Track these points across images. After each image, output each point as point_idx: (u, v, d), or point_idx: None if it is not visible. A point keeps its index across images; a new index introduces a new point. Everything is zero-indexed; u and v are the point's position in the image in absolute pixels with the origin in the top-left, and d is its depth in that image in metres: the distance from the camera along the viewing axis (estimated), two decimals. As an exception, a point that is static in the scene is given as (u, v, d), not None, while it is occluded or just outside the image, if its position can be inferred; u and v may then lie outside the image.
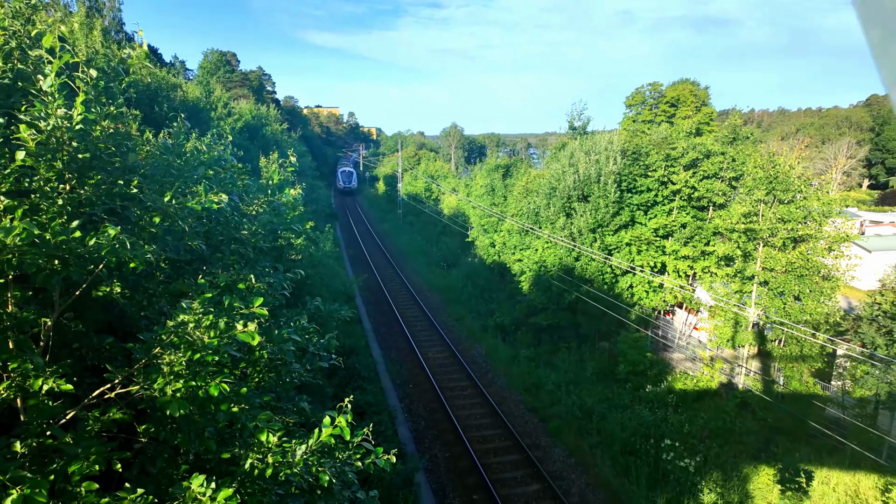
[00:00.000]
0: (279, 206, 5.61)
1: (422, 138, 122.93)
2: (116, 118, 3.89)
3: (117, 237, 3.17)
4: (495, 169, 39.72)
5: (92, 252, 3.19)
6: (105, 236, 3.15)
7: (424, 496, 13.22)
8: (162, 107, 17.84)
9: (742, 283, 20.45)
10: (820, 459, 14.92)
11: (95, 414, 3.86)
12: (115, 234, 3.15)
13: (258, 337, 3.34)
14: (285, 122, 50.69)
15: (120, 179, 3.96)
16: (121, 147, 4.02)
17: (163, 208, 3.85)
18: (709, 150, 23.59)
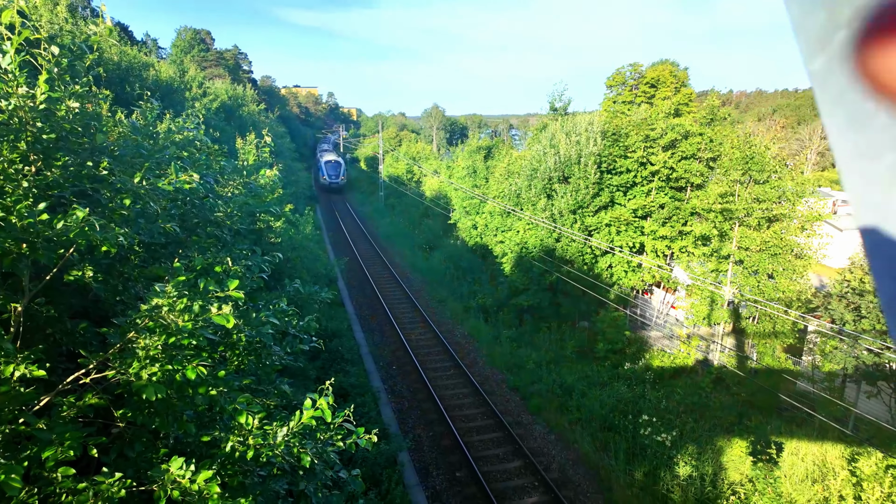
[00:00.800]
0: (255, 187, 5.53)
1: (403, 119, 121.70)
2: (82, 97, 3.77)
3: (86, 219, 3.10)
4: (477, 151, 39.56)
5: (60, 235, 3.12)
6: (73, 219, 3.07)
7: (408, 474, 13.40)
8: (133, 86, 17.33)
9: (718, 262, 20.88)
10: (790, 431, 15.48)
11: (71, 399, 3.81)
12: (83, 216, 3.07)
13: (233, 319, 3.31)
14: (262, 102, 49.62)
15: (89, 161, 3.86)
16: (88, 127, 3.90)
17: (133, 189, 3.76)
18: (687, 131, 23.81)
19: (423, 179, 51.98)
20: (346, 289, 28.29)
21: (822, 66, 0.51)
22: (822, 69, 0.50)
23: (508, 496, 12.79)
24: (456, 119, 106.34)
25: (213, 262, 4.13)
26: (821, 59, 0.51)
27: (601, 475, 13.63)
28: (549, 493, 12.79)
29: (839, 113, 0.51)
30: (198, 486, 3.31)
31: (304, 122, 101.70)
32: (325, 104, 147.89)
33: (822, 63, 0.51)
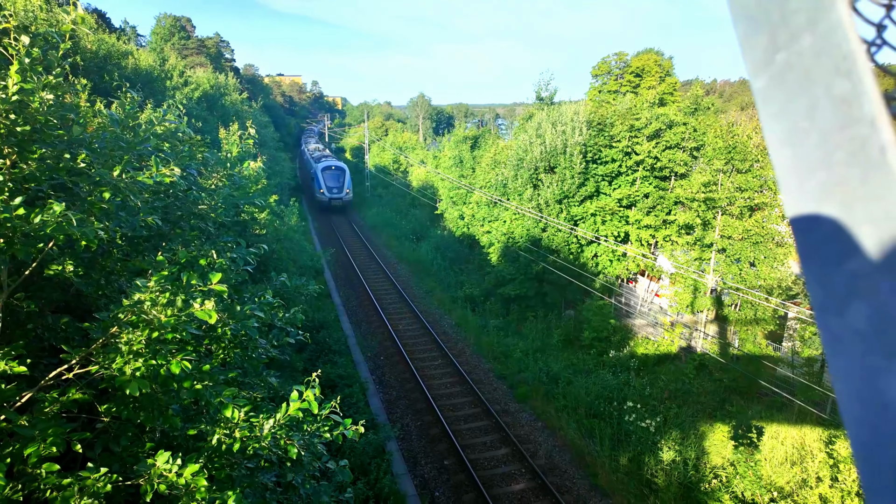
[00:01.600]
0: (239, 179, 5.47)
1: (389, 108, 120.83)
2: (56, 88, 3.69)
3: (63, 214, 3.05)
4: (463, 140, 39.47)
5: (38, 230, 3.06)
6: (51, 213, 3.02)
7: (397, 463, 13.49)
8: (112, 76, 16.96)
9: (701, 251, 21.15)
10: (770, 416, 15.84)
11: (54, 395, 3.77)
12: (60, 210, 3.02)
13: (216, 315, 3.29)
14: (246, 91, 48.83)
15: (66, 153, 3.78)
16: (65, 119, 3.82)
17: (112, 182, 3.70)
18: (671, 120, 23.97)
19: (410, 169, 51.77)
20: (333, 280, 28.19)
21: (765, 85, 0.53)
22: (765, 87, 0.53)
23: (496, 483, 12.94)
24: (442, 108, 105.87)
25: (197, 255, 4.10)
26: (763, 78, 0.54)
27: (587, 461, 13.84)
28: (536, 480, 12.97)
29: (778, 129, 0.53)
30: (185, 480, 3.31)
31: (288, 112, 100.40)
32: (310, 93, 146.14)
33: (764, 82, 0.53)
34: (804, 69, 0.50)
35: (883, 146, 0.46)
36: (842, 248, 0.49)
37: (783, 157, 0.53)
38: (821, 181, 0.50)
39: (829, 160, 0.49)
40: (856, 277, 0.48)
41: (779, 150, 0.53)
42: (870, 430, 0.47)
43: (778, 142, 0.53)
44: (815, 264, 0.52)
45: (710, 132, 22.22)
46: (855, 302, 0.48)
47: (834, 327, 0.50)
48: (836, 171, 0.49)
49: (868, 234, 0.47)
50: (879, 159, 0.46)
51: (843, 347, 0.49)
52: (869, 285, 0.47)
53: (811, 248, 0.52)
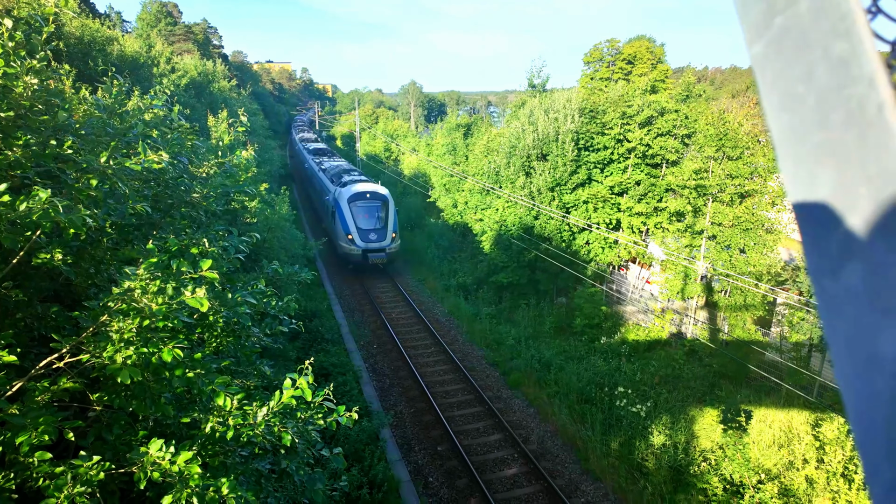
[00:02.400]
0: (231, 167, 5.41)
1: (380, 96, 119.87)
2: (40, 73, 3.61)
3: (49, 201, 3.00)
4: (456, 128, 39.27)
5: (23, 217, 3.02)
6: (36, 200, 2.97)
7: (391, 450, 13.58)
8: (97, 62, 16.66)
9: (692, 238, 21.29)
10: (759, 400, 16.09)
11: (45, 384, 3.75)
12: (46, 197, 2.98)
13: (207, 303, 3.27)
14: (234, 78, 48.16)
15: (52, 139, 3.72)
16: (50, 105, 3.75)
17: (100, 169, 3.64)
18: (663, 107, 23.98)
19: (402, 157, 51.51)
20: (325, 268, 28.11)
21: (762, 51, 0.54)
22: (762, 53, 0.54)
23: (489, 468, 13.08)
24: (434, 96, 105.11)
25: (188, 244, 4.06)
26: (760, 43, 0.54)
27: (578, 446, 14.01)
28: (529, 465, 13.12)
29: (774, 95, 0.54)
30: (178, 468, 3.31)
31: (277, 99, 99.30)
32: (300, 80, 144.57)
33: (762, 47, 0.54)
34: (802, 32, 0.50)
35: (881, 104, 0.46)
36: (838, 210, 0.50)
37: (780, 122, 0.53)
38: (817, 144, 0.50)
39: (825, 122, 0.49)
40: (851, 238, 0.48)
41: (776, 115, 0.54)
42: (864, 388, 0.48)
43: (775, 107, 0.53)
44: (811, 228, 0.52)
45: (701, 119, 22.27)
46: (850, 263, 0.48)
47: (829, 289, 0.51)
48: (833, 133, 0.49)
49: (864, 194, 0.47)
50: (877, 118, 0.46)
51: (838, 309, 0.50)
52: (864, 245, 0.47)
53: (807, 211, 0.52)
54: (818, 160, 0.50)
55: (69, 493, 3.01)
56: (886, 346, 0.45)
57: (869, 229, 0.47)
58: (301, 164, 48.84)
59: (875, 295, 0.46)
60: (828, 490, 11.52)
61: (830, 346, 0.51)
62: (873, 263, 0.47)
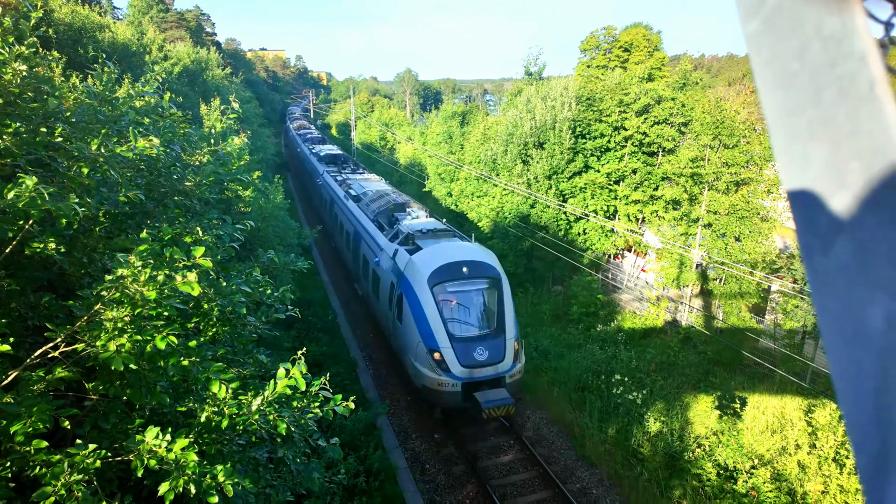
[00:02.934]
0: (224, 155, 5.37)
1: (375, 84, 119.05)
2: (29, 59, 3.56)
3: (36, 188, 2.97)
4: (452, 116, 39.08)
5: (11, 205, 2.98)
6: (24, 188, 2.94)
7: (388, 438, 13.67)
8: (87, 49, 16.44)
9: (688, 226, 21.34)
10: (753, 386, 16.23)
11: (40, 374, 3.74)
12: (32, 185, 2.94)
13: (198, 287, 3.26)
14: (227, 66, 47.68)
15: (42, 127, 3.67)
16: (39, 92, 3.70)
17: (91, 157, 3.61)
18: (660, 95, 23.92)
19: (397, 146, 51.32)
20: (321, 258, 28.08)
21: (756, 29, 0.54)
22: (756, 31, 0.54)
23: (485, 455, 13.18)
24: (429, 84, 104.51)
25: (182, 232, 4.04)
26: (755, 21, 0.54)
27: (574, 433, 14.13)
28: (525, 451, 13.23)
29: (768, 72, 0.54)
30: (174, 455, 3.32)
31: (271, 87, 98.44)
32: (294, 68, 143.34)
33: (756, 25, 0.54)
34: (795, 9, 0.51)
35: (872, 80, 0.47)
36: (829, 187, 0.50)
37: (773, 101, 0.54)
38: (810, 121, 0.51)
39: (818, 99, 0.50)
40: (842, 214, 0.49)
41: (769, 93, 0.54)
42: (851, 361, 0.49)
43: (769, 85, 0.54)
44: (802, 205, 0.53)
45: (697, 107, 22.23)
46: (840, 239, 0.49)
47: (820, 266, 0.51)
48: (826, 110, 0.50)
49: (855, 170, 0.48)
50: (868, 94, 0.47)
51: (828, 284, 0.51)
52: (854, 221, 0.48)
53: (799, 189, 0.53)
54: (811, 137, 0.51)
55: (66, 481, 3.02)
56: (874, 320, 0.46)
57: (859, 205, 0.48)
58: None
59: (864, 269, 0.47)
60: (819, 475, 11.68)
61: (820, 322, 0.52)
62: (862, 238, 0.48)
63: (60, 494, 3.01)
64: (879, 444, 0.47)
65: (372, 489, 11.40)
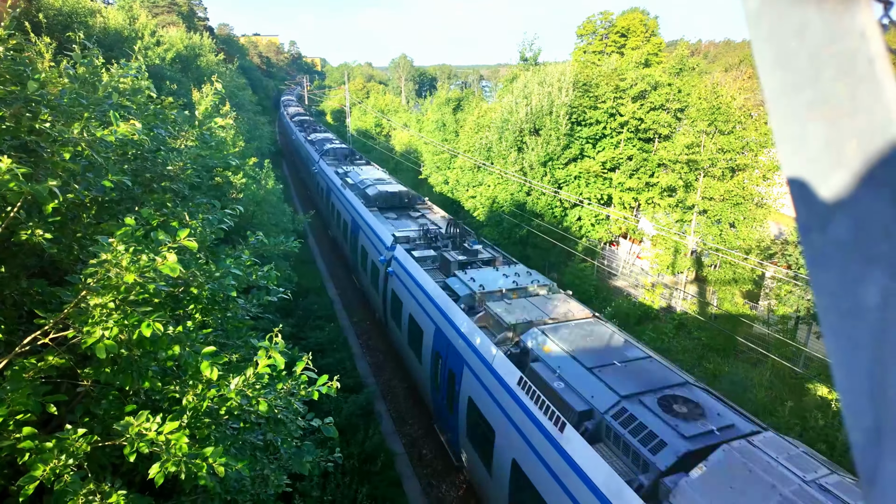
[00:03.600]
0: (210, 138, 5.32)
1: (370, 70, 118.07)
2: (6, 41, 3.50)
3: (10, 170, 2.93)
4: (446, 103, 38.81)
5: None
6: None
7: (385, 423, 13.78)
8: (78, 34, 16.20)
9: (683, 213, 21.37)
10: (746, 371, 16.39)
11: (31, 360, 3.74)
12: (7, 166, 2.91)
13: (178, 267, 3.24)
14: (221, 52, 47.12)
15: (25, 111, 3.63)
16: (18, 75, 3.64)
17: (73, 141, 3.57)
18: (656, 81, 23.79)
19: (393, 133, 51.01)
20: (317, 246, 28.04)
21: (757, 6, 0.54)
22: (757, 8, 0.54)
23: (480, 440, 13.28)
24: (425, 69, 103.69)
25: (168, 218, 4.02)
26: None
27: (569, 418, 14.24)
28: (520, 436, 13.32)
29: (768, 50, 0.54)
30: (164, 439, 3.34)
31: (265, 73, 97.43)
32: (288, 54, 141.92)
33: (756, 3, 0.54)
34: None
35: (872, 57, 0.47)
36: (827, 165, 0.51)
37: (773, 80, 0.54)
38: (808, 100, 0.51)
39: (817, 78, 0.50)
40: (839, 192, 0.50)
41: (769, 72, 0.54)
42: (847, 337, 0.50)
43: (769, 64, 0.54)
44: (801, 183, 0.53)
45: (694, 93, 22.14)
46: (838, 215, 0.50)
47: (817, 243, 0.52)
48: (825, 88, 0.50)
49: (853, 148, 0.49)
50: (867, 71, 0.47)
51: (825, 261, 0.51)
52: (852, 198, 0.49)
53: (797, 168, 0.53)
54: (810, 116, 0.51)
55: (55, 466, 3.03)
56: (869, 296, 0.47)
57: (857, 183, 0.48)
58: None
59: (860, 246, 0.48)
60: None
61: (817, 299, 0.53)
62: (859, 216, 0.48)
63: (49, 479, 3.02)
64: (872, 417, 0.48)
65: (371, 473, 11.52)
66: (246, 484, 4.92)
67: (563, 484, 6.88)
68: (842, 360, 0.50)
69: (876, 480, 0.48)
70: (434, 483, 12.17)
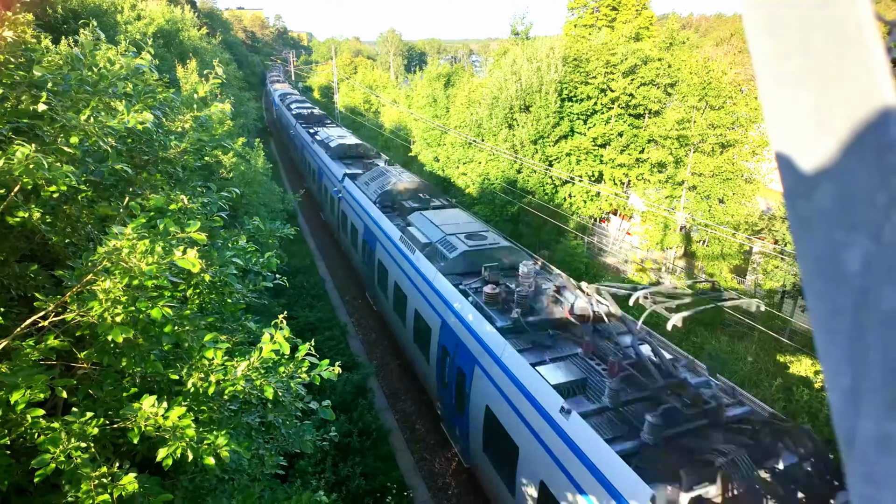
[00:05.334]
0: (206, 120, 5.25)
1: (358, 44, 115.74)
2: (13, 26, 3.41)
3: (31, 157, 2.90)
4: (437, 78, 38.24)
5: (2, 174, 2.92)
6: (18, 157, 2.87)
7: (378, 399, 13.96)
8: (56, 9, 15.72)
9: (672, 189, 21.47)
10: (733, 344, 16.73)
11: (30, 343, 3.74)
12: (27, 153, 2.87)
13: (199, 263, 3.26)
14: (204, 26, 45.89)
15: (25, 95, 3.55)
16: (18, 57, 3.56)
17: (81, 127, 3.51)
18: (647, 56, 23.60)
19: (382, 109, 50.31)
20: (306, 224, 27.88)
21: None
22: None
23: (474, 415, 13.52)
24: (414, 44, 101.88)
25: (168, 201, 3.99)
26: None
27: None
28: (512, 411, 13.58)
29: (758, 16, 0.55)
30: (171, 423, 3.38)
31: (250, 49, 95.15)
32: (273, 28, 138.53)
33: None
34: None
35: (860, 22, 0.48)
36: (814, 132, 0.52)
37: (762, 46, 0.54)
38: (797, 66, 0.52)
39: (807, 43, 0.51)
40: (825, 159, 0.51)
41: (758, 38, 0.55)
42: (829, 300, 0.52)
43: (757, 30, 0.54)
44: (787, 151, 0.54)
45: (684, 68, 22.03)
46: (823, 183, 0.51)
47: (802, 210, 0.54)
48: (814, 55, 0.51)
49: (840, 115, 0.50)
50: (856, 36, 0.48)
51: (809, 228, 0.53)
52: (837, 165, 0.50)
53: (785, 136, 0.54)
54: (799, 83, 0.52)
55: (65, 448, 3.07)
56: (851, 261, 0.49)
57: (843, 149, 0.50)
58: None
59: (844, 212, 0.50)
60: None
61: (801, 264, 0.55)
62: (844, 183, 0.50)
63: (60, 461, 3.06)
64: (851, 379, 0.50)
65: (364, 448, 11.71)
66: (243, 464, 5.01)
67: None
68: (824, 325, 0.52)
69: (854, 440, 0.50)
70: (427, 457, 12.41)
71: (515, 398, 8.20)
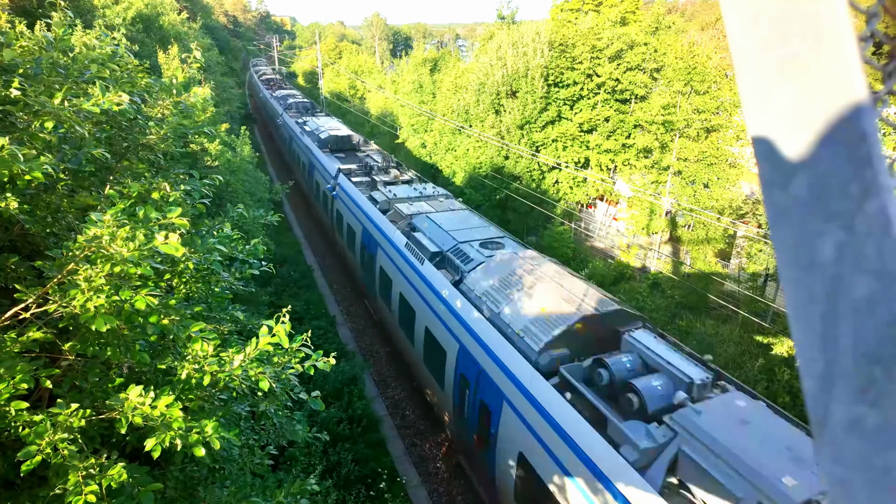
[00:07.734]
0: (187, 107, 5.15)
1: (342, 28, 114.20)
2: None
3: (5, 148, 2.82)
4: (423, 64, 37.91)
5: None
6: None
7: (369, 388, 14.00)
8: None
9: (658, 174, 21.61)
10: (717, 327, 17.01)
11: (12, 335, 3.68)
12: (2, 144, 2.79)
13: (182, 248, 3.21)
14: (184, 10, 44.85)
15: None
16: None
17: (54, 112, 3.42)
18: (633, 40, 23.58)
19: (367, 95, 49.80)
20: (293, 213, 27.66)
21: None
22: None
23: (463, 401, 13.63)
24: (399, 28, 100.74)
25: (149, 189, 3.92)
26: None
27: (548, 376, 14.67)
28: (501, 396, 13.71)
29: (737, 9, 0.55)
30: (159, 412, 3.36)
31: (232, 33, 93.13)
32: (255, 12, 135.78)
33: None
34: None
35: (834, 14, 0.49)
36: (791, 124, 0.53)
37: (742, 39, 0.55)
38: (776, 58, 0.53)
39: (785, 36, 0.52)
40: (802, 150, 0.52)
41: (738, 31, 0.55)
42: (804, 288, 0.53)
43: (738, 22, 0.55)
44: (765, 141, 0.55)
45: (670, 53, 22.06)
46: (799, 173, 0.52)
47: (778, 200, 0.55)
48: (791, 47, 0.51)
49: (818, 107, 0.51)
50: (831, 28, 0.49)
51: (786, 218, 0.54)
52: (813, 157, 0.51)
53: (763, 126, 0.55)
54: (777, 75, 0.53)
55: (51, 440, 3.04)
56: (825, 250, 0.51)
57: (818, 141, 0.51)
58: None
59: (818, 203, 0.51)
60: (775, 406, 12.49)
61: (777, 253, 0.56)
62: (819, 174, 0.51)
63: (46, 453, 3.03)
64: (824, 364, 0.52)
65: (355, 435, 11.77)
66: (234, 453, 5.01)
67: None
68: (798, 312, 0.54)
69: (826, 423, 0.52)
70: (417, 442, 12.52)
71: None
